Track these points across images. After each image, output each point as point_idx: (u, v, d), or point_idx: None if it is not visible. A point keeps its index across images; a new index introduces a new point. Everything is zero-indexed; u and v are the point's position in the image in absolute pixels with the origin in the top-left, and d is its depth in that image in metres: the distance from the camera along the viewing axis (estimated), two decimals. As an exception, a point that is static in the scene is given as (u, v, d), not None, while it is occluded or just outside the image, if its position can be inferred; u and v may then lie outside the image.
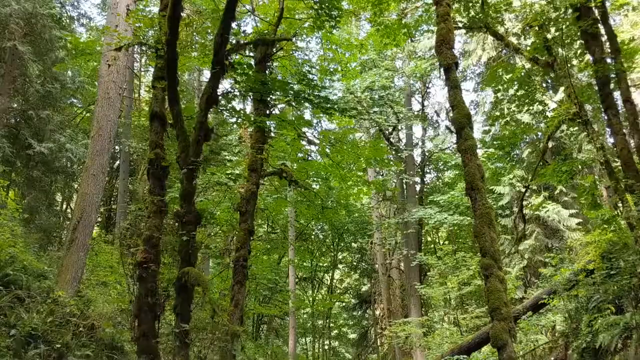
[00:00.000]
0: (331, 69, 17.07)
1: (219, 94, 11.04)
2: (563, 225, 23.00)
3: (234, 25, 11.92)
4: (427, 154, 35.50)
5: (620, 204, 12.75)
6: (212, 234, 19.01)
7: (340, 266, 41.81)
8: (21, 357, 10.79)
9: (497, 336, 9.67)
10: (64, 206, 30.40)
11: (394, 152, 30.39)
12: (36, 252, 17.29)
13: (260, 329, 34.07)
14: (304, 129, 14.66)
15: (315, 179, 23.85)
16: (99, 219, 26.77)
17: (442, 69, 10.80)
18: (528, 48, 15.88)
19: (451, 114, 11.48)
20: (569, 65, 14.80)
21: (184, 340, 9.19)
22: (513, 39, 16.95)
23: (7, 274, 12.59)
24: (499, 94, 17.29)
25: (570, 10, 13.93)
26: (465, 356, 16.62)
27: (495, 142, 19.67)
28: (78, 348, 12.35)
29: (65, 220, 27.57)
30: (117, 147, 27.85)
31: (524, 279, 23.32)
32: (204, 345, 10.54)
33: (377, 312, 37.02)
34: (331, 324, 39.72)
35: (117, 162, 29.37)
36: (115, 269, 16.02)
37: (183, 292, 9.57)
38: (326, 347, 39.63)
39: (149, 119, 12.46)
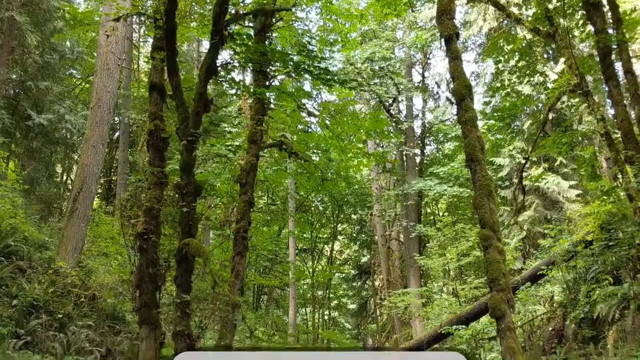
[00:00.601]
0: (331, 40, 16.93)
1: (218, 65, 10.98)
2: (562, 196, 23.02)
3: (233, -5, 11.81)
4: (427, 125, 35.38)
5: (619, 176, 12.75)
6: (212, 205, 19.07)
7: (340, 237, 41.96)
8: (23, 327, 10.90)
9: (495, 306, 9.75)
10: (64, 177, 30.40)
11: (394, 124, 30.30)
12: (37, 223, 17.34)
13: (261, 299, 34.33)
14: (304, 101, 14.61)
15: (315, 150, 23.78)
16: (99, 190, 26.80)
17: (442, 40, 10.72)
18: (529, 18, 15.75)
19: (452, 85, 11.42)
20: (570, 35, 14.69)
21: (185, 310, 9.27)
22: (514, 9, 16.81)
23: (8, 244, 12.65)
24: (499, 65, 17.20)
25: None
26: (463, 326, 16.77)
27: (495, 114, 19.64)
28: (80, 318, 12.47)
29: (66, 191, 27.60)
30: (116, 118, 27.73)
31: (523, 250, 23.44)
32: (205, 315, 10.64)
33: (377, 283, 37.27)
34: (331, 295, 39.99)
35: (117, 133, 29.27)
36: (116, 240, 16.09)
37: (184, 263, 9.62)
38: (326, 317, 39.98)
39: (148, 90, 12.39)
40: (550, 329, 14.49)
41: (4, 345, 9.93)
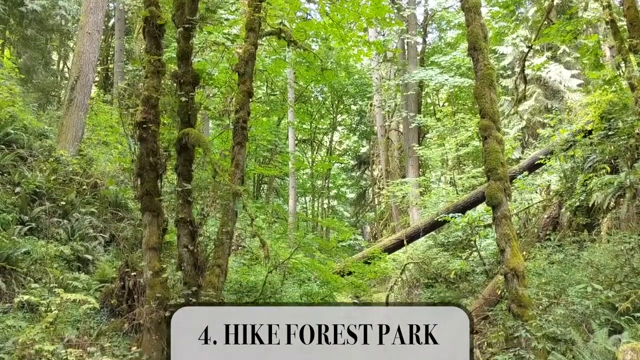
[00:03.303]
0: None
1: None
2: (564, 86, 22.83)
3: None
4: (429, 12, 34.49)
5: (622, 64, 12.56)
6: (210, 95, 18.91)
7: (339, 128, 41.98)
8: (27, 213, 11.10)
9: (492, 195, 9.91)
10: (61, 65, 29.96)
11: (395, 11, 29.45)
12: (35, 112, 17.28)
13: (261, 188, 34.80)
14: (303, -14, 14.12)
15: (314, 39, 23.29)
16: (97, 79, 26.49)
17: None
18: None
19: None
20: None
21: (187, 198, 9.41)
22: None
23: (8, 132, 12.66)
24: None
25: None
26: (460, 214, 17.13)
27: (499, 0, 19.03)
28: (82, 205, 12.68)
29: (63, 79, 27.28)
30: (111, 5, 26.99)
31: (522, 139, 23.51)
32: (207, 204, 10.79)
33: (375, 173, 37.71)
34: (330, 184, 40.54)
35: (112, 20, 28.52)
36: (115, 129, 16.08)
37: (184, 153, 9.67)
38: (325, 206, 40.72)
39: (141, -25, 11.96)
40: (545, 216, 14.78)
41: (10, 231, 10.15)
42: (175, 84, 10.19)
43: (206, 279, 10.26)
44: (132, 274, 9.77)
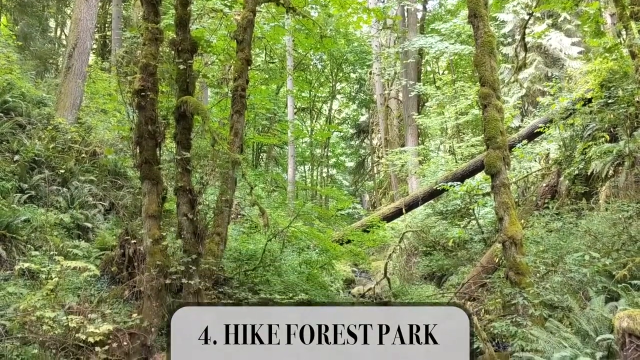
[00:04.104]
0: None
1: None
2: (564, 53, 22.68)
3: None
4: (430, -21, 34.08)
5: (623, 32, 12.44)
6: (209, 62, 18.77)
7: (338, 96, 41.83)
8: (26, 181, 11.11)
9: (491, 163, 9.93)
10: (58, 32, 29.68)
11: (395, -22, 29.15)
12: (33, 79, 17.18)
13: (260, 157, 34.81)
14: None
15: (313, 6, 23.05)
16: (94, 46, 26.27)
17: None
18: None
19: None
20: None
21: (186, 167, 9.40)
22: None
23: (6, 100, 12.60)
24: None
25: None
26: (459, 183, 17.16)
27: (501, -33, 18.78)
28: (82, 173, 12.68)
29: (61, 47, 27.08)
30: (108, -29, 26.66)
31: (522, 108, 23.43)
32: (206, 172, 10.79)
33: (375, 142, 37.65)
34: (329, 153, 40.54)
35: (109, -14, 28.21)
36: (113, 97, 15.99)
37: (183, 121, 9.63)
38: (324, 174, 40.77)
39: (137, -60, 11.79)
40: (544, 185, 14.80)
41: (9, 199, 10.17)
42: (173, 52, 10.11)
43: (206, 247, 10.32)
44: (132, 241, 9.81)
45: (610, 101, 12.81)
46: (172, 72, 10.36)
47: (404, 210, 20.14)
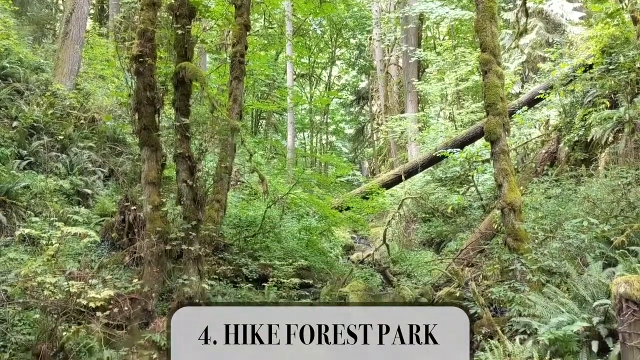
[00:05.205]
0: None
1: None
2: (566, 19, 22.46)
3: None
4: (431, -58, 33.54)
5: (627, -3, 12.32)
6: (207, 28, 18.57)
7: (338, 63, 41.51)
8: (25, 147, 11.10)
9: (491, 130, 9.92)
10: (56, -2, 29.35)
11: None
12: (31, 45, 17.04)
13: (259, 124, 34.70)
14: None
15: (313, -30, 22.73)
16: (92, 11, 26.00)
17: None
18: None
19: None
20: None
21: (185, 133, 9.37)
22: None
23: (4, 66, 12.53)
24: None
25: None
26: (458, 149, 17.15)
27: None
28: (80, 139, 12.67)
29: (58, 12, 26.76)
30: None
31: (522, 74, 23.28)
32: (205, 139, 10.76)
33: (374, 108, 37.51)
34: (329, 120, 40.41)
35: (106, -50, 27.77)
36: (111, 63, 15.87)
37: (181, 87, 9.57)
38: (324, 141, 40.70)
39: None
40: (543, 151, 14.79)
41: (8, 165, 10.17)
42: (171, 17, 10.00)
43: (206, 214, 10.36)
44: (132, 208, 9.85)
45: (611, 67, 12.73)
46: (170, 37, 10.27)
47: (403, 177, 20.15)
